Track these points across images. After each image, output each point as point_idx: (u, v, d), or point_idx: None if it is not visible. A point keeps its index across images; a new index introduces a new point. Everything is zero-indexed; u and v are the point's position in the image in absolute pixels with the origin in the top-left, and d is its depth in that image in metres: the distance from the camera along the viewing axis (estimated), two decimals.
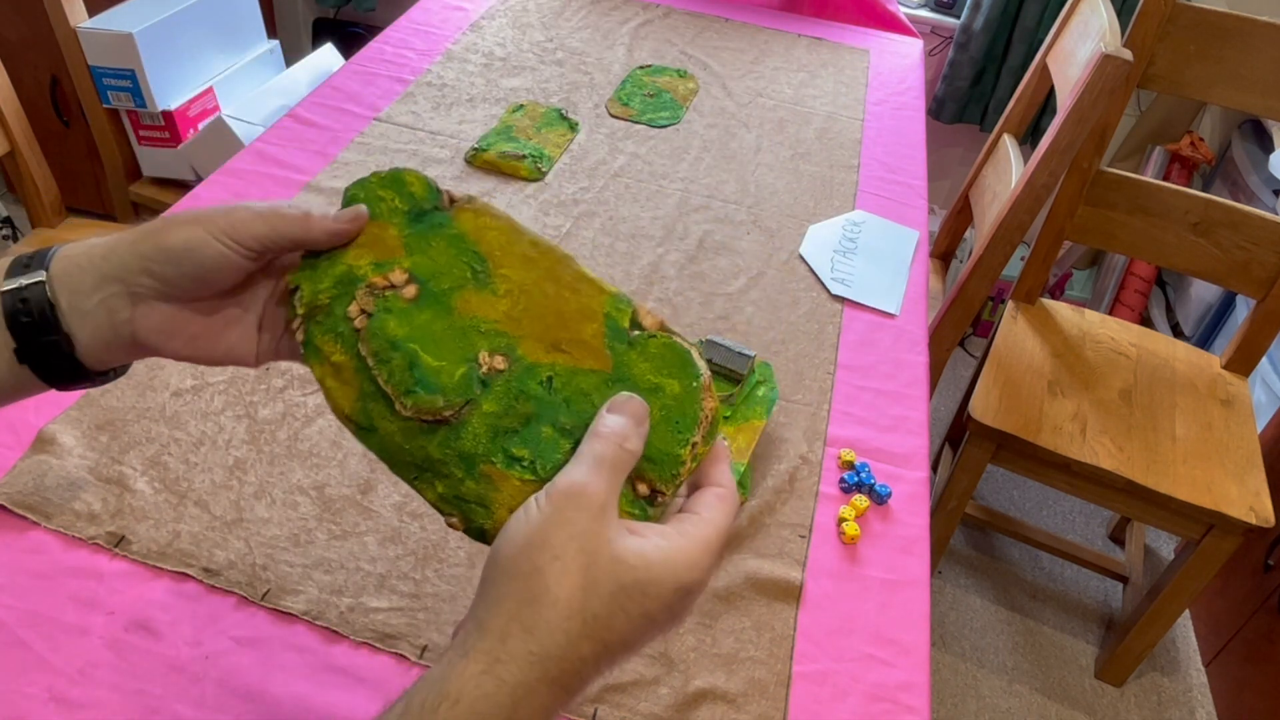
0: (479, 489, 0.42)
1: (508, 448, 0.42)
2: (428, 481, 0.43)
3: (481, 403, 0.43)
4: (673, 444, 0.41)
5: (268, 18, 1.92)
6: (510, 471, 0.42)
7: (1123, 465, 1.32)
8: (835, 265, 1.08)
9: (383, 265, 0.46)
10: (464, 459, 0.42)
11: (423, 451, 0.43)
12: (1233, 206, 1.37)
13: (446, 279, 0.46)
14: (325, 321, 0.46)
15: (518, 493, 0.41)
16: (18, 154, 1.35)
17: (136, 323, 0.45)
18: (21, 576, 0.64)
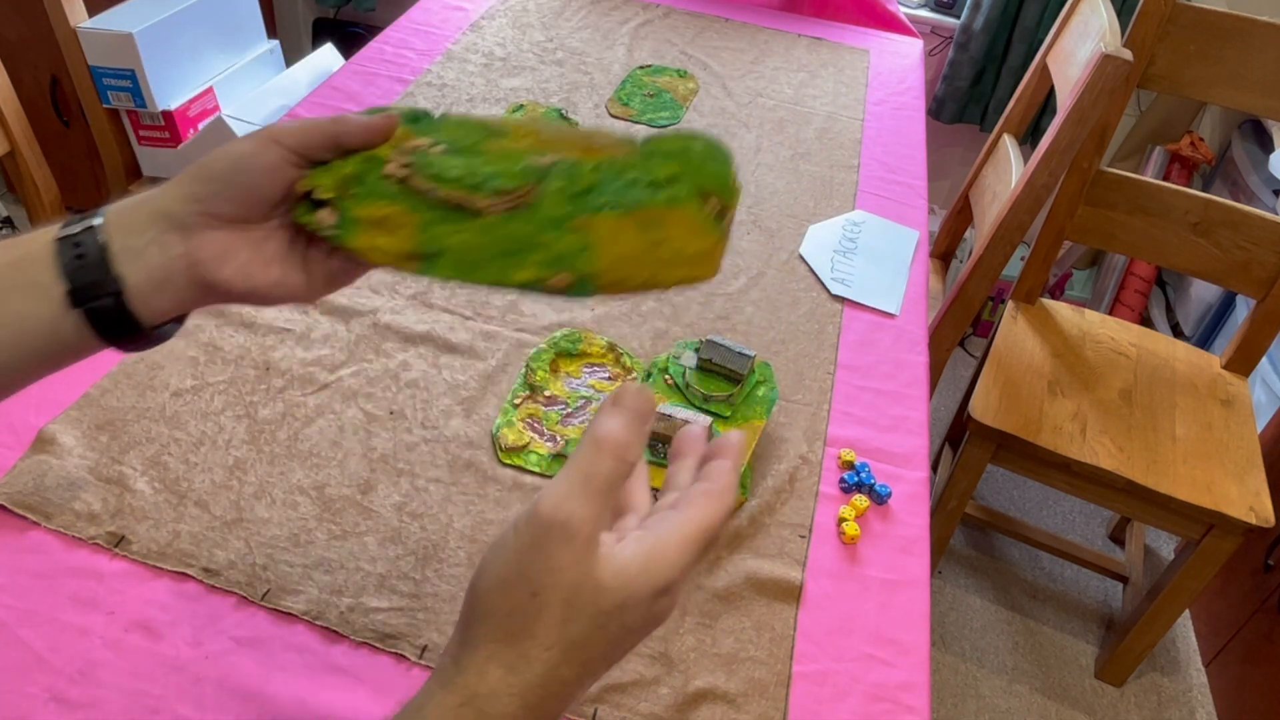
0: (576, 239, 0.45)
1: (589, 201, 0.45)
2: (517, 263, 0.45)
3: (549, 182, 0.46)
4: (723, 171, 0.47)
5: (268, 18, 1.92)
6: (600, 214, 0.45)
7: (1123, 465, 1.32)
8: (835, 265, 1.08)
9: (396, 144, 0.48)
10: (551, 222, 0.45)
11: (507, 238, 0.45)
12: (1233, 206, 1.37)
13: (467, 140, 0.49)
14: (360, 190, 0.47)
15: (614, 229, 0.45)
16: (18, 154, 1.35)
17: (190, 255, 0.45)
18: (21, 576, 0.64)
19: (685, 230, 0.45)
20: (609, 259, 0.45)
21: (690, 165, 0.46)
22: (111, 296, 0.44)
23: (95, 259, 0.44)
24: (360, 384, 0.83)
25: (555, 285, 0.45)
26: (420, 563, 0.69)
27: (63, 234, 0.44)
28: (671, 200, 0.45)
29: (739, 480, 0.40)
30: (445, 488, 0.76)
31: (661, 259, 0.45)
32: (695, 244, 0.46)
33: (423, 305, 0.93)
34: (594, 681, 0.37)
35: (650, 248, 0.45)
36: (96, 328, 0.45)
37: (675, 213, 0.45)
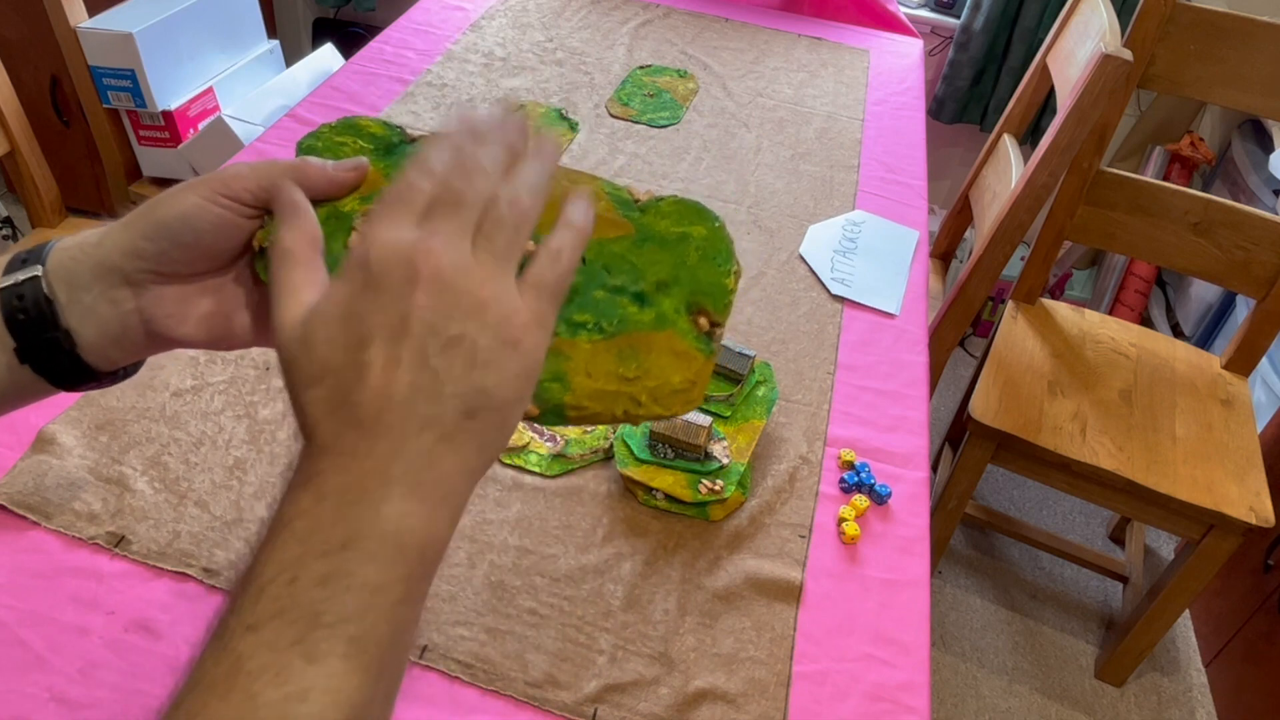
0: (549, 366, 0.41)
1: (567, 317, 0.42)
2: None
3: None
4: (718, 276, 0.43)
5: (268, 18, 1.92)
6: (577, 338, 0.41)
7: (1123, 465, 1.32)
8: (835, 265, 1.08)
9: (369, 199, 0.43)
10: None
11: None
12: (1233, 206, 1.37)
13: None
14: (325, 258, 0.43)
15: (590, 355, 0.41)
16: (18, 154, 1.35)
17: (144, 311, 0.42)
18: (21, 576, 0.64)
19: (669, 359, 0.42)
20: (583, 393, 0.41)
21: (685, 265, 0.43)
22: (63, 354, 0.41)
23: (40, 315, 0.40)
24: None
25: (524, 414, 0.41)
26: None
27: (4, 283, 0.41)
28: (659, 322, 0.42)
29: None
30: None
31: (638, 395, 0.42)
32: (678, 377, 0.42)
33: None
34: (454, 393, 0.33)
35: (628, 382, 0.41)
36: (49, 379, 0.42)
37: (660, 337, 0.42)
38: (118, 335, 0.42)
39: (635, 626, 0.67)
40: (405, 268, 0.33)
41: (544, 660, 0.65)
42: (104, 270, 0.41)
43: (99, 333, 0.42)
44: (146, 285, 0.42)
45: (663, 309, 0.43)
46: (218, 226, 0.41)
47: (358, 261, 0.33)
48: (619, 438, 0.78)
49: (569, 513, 0.75)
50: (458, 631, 0.65)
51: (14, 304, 0.41)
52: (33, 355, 0.41)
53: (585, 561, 0.71)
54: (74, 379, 0.43)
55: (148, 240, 0.41)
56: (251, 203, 0.42)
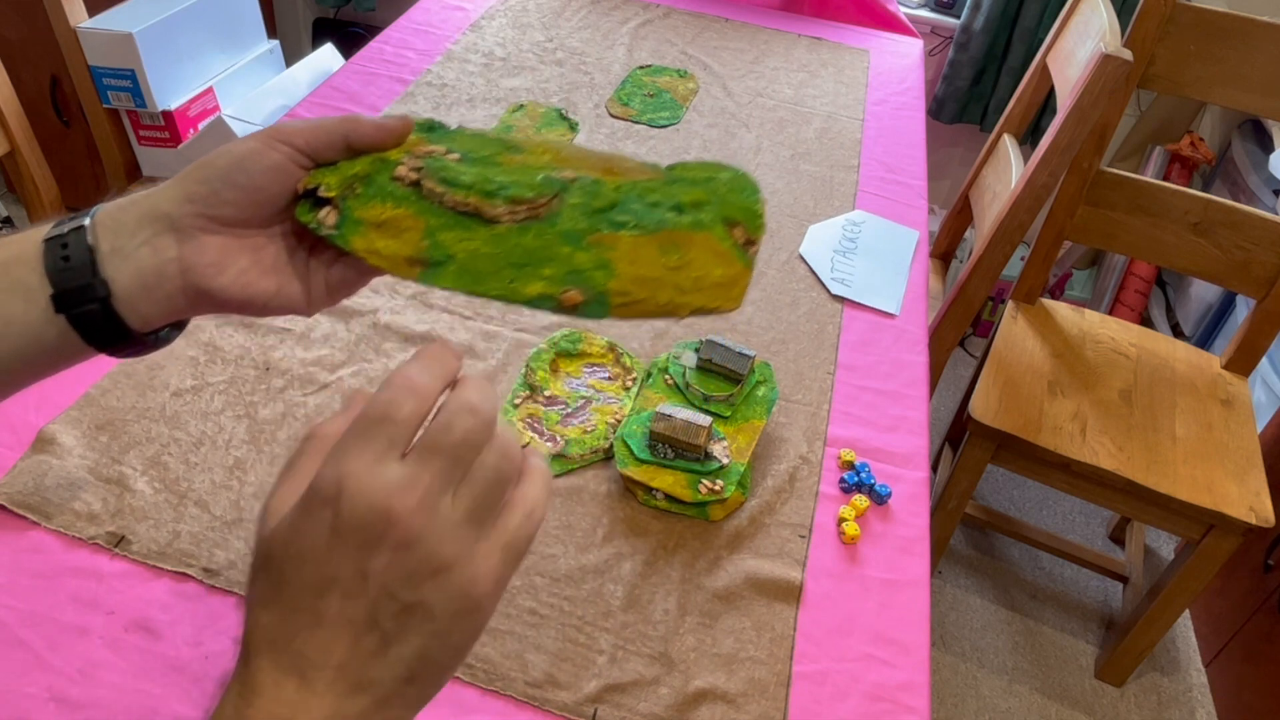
0: (593, 255, 0.42)
1: (609, 218, 0.43)
2: (528, 276, 0.42)
3: (567, 197, 0.44)
4: (749, 203, 0.46)
5: (268, 18, 1.92)
6: (619, 233, 0.43)
7: (1123, 465, 1.32)
8: (835, 265, 1.08)
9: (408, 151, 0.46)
10: (567, 237, 0.43)
11: (519, 248, 0.43)
12: (1233, 206, 1.37)
13: (482, 151, 0.47)
14: (365, 190, 0.44)
15: (633, 246, 0.43)
16: (18, 154, 1.35)
17: (185, 259, 0.43)
18: (21, 576, 0.64)
19: (709, 255, 0.43)
20: (627, 277, 0.42)
21: (716, 194, 0.45)
22: (97, 302, 0.42)
23: (82, 261, 0.41)
24: (360, 384, 0.83)
25: (566, 301, 0.42)
26: None
27: (51, 234, 0.42)
28: (696, 224, 0.44)
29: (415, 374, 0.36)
30: None
31: (681, 284, 0.43)
32: (719, 271, 0.43)
33: (423, 305, 0.93)
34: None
35: (671, 271, 0.43)
36: (83, 333, 0.43)
37: (699, 236, 0.43)
38: (153, 285, 0.43)
39: (635, 626, 0.67)
40: (378, 521, 0.31)
41: (544, 660, 0.65)
42: (151, 218, 0.43)
43: (136, 281, 0.42)
44: (192, 234, 0.43)
45: (700, 218, 0.44)
46: (271, 170, 0.44)
47: (328, 496, 0.32)
48: (619, 438, 0.78)
49: (569, 513, 0.75)
50: None
51: (58, 251, 0.42)
52: (68, 303, 0.42)
53: (585, 561, 0.71)
54: (106, 336, 0.43)
55: (201, 184, 0.43)
56: (305, 150, 0.44)
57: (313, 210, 0.45)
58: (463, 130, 0.49)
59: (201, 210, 0.43)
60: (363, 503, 0.31)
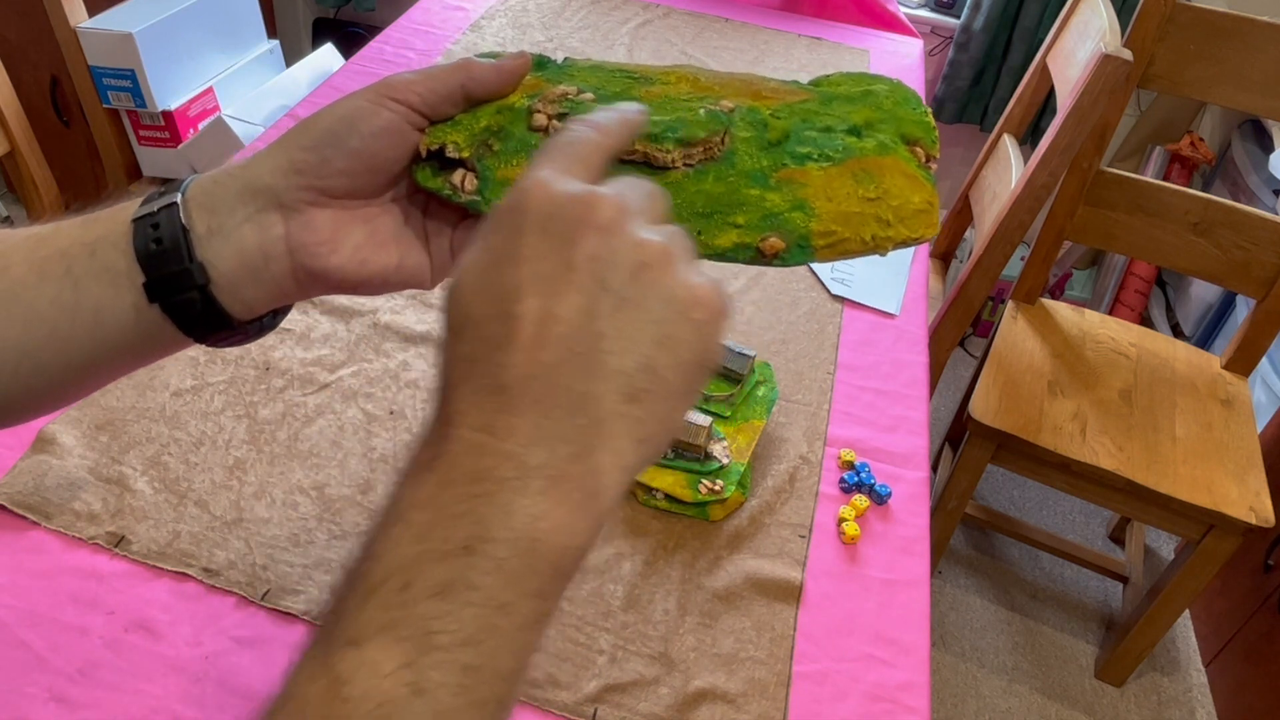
0: (785, 195, 0.38)
1: (790, 150, 0.39)
2: (721, 224, 0.38)
3: (735, 131, 0.40)
4: (921, 116, 0.42)
5: (268, 18, 1.92)
6: (806, 166, 0.39)
7: (1123, 465, 1.32)
8: (835, 265, 1.08)
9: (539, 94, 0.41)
10: (752, 177, 0.39)
11: (701, 195, 0.38)
12: (1233, 206, 1.37)
13: (613, 87, 0.42)
14: (505, 147, 0.39)
15: (824, 180, 0.39)
16: (18, 154, 1.35)
17: (293, 238, 0.38)
18: (21, 576, 0.64)
19: (903, 181, 0.39)
20: (828, 216, 0.38)
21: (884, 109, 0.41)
22: (196, 289, 0.37)
23: (175, 244, 0.37)
24: (360, 384, 0.83)
25: (768, 250, 0.38)
26: None
27: (140, 213, 0.38)
28: (882, 148, 0.40)
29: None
30: None
31: (884, 215, 0.39)
32: (917, 197, 0.39)
33: (423, 305, 0.93)
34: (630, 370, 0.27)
35: (870, 203, 0.39)
36: (179, 323, 0.38)
37: (888, 161, 0.39)
38: (258, 267, 0.38)
39: (635, 626, 0.67)
40: (577, 205, 0.28)
41: (544, 660, 0.65)
42: (253, 192, 0.38)
43: (238, 264, 0.38)
44: (300, 208, 0.38)
45: (881, 139, 0.40)
46: (384, 131, 0.38)
47: (513, 203, 0.28)
48: None
49: None
50: None
51: (148, 233, 0.37)
52: (162, 291, 0.37)
53: (585, 561, 0.71)
54: (205, 325, 0.39)
55: (306, 150, 0.38)
56: (420, 107, 0.39)
57: (440, 174, 0.40)
58: (575, 63, 0.44)
59: (310, 182, 0.38)
60: (557, 192, 0.28)
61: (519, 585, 0.26)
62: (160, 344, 0.39)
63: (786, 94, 0.42)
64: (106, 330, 0.38)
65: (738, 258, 0.38)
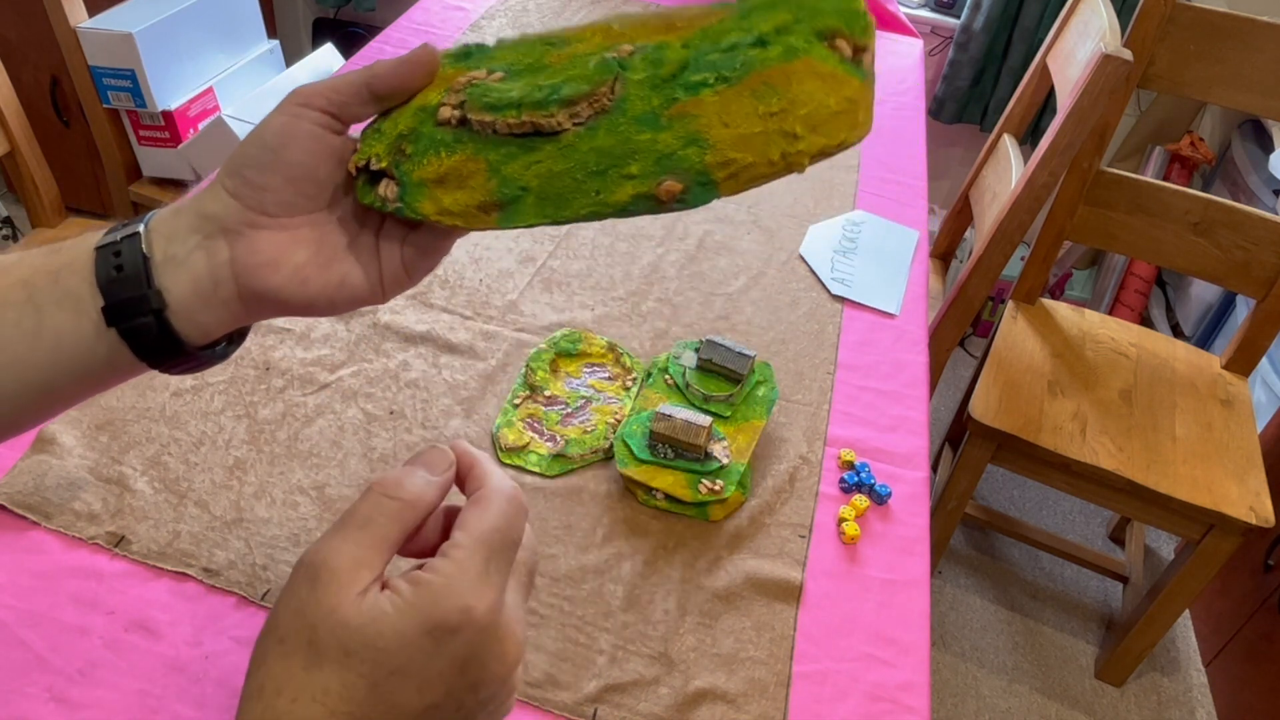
0: (677, 132, 0.36)
1: (684, 81, 0.36)
2: (616, 179, 0.36)
3: (628, 75, 0.37)
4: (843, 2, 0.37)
5: (268, 18, 1.92)
6: (700, 95, 0.36)
7: (1123, 465, 1.32)
8: (835, 265, 1.08)
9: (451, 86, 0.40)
10: (643, 121, 0.36)
11: (593, 154, 0.37)
12: (1233, 206, 1.37)
13: (526, 59, 0.40)
14: (415, 148, 0.39)
15: (720, 105, 0.35)
16: (18, 154, 1.35)
17: (238, 261, 0.40)
18: (21, 576, 0.64)
19: (815, 84, 0.35)
20: (725, 145, 0.35)
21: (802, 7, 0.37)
22: (151, 314, 0.39)
23: (135, 271, 0.39)
24: (360, 384, 0.83)
25: (665, 195, 0.36)
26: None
27: (103, 242, 0.39)
28: (788, 53, 0.35)
29: (501, 476, 0.36)
30: None
31: (792, 129, 0.35)
32: (832, 99, 0.36)
33: (422, 305, 0.93)
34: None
35: (774, 118, 0.35)
36: (135, 348, 0.40)
37: (795, 66, 0.35)
38: (209, 292, 0.40)
39: (635, 626, 0.67)
40: (511, 655, 0.34)
41: (544, 660, 0.65)
42: (203, 219, 0.40)
43: (191, 290, 0.39)
44: (243, 232, 0.40)
45: (790, 42, 0.36)
46: (297, 142, 0.40)
47: (443, 621, 0.32)
48: (619, 438, 0.78)
49: (569, 513, 0.75)
50: None
51: (110, 260, 0.39)
52: (120, 316, 0.39)
53: (585, 561, 0.71)
54: (161, 350, 0.40)
55: (234, 176, 0.40)
56: (329, 109, 0.40)
57: (371, 187, 0.40)
58: (502, 43, 0.43)
59: (246, 204, 0.40)
60: (510, 637, 0.34)
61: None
62: (118, 370, 0.41)
63: (702, 16, 0.39)
64: (66, 356, 0.39)
65: (638, 209, 0.37)
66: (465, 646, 0.32)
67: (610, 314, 0.96)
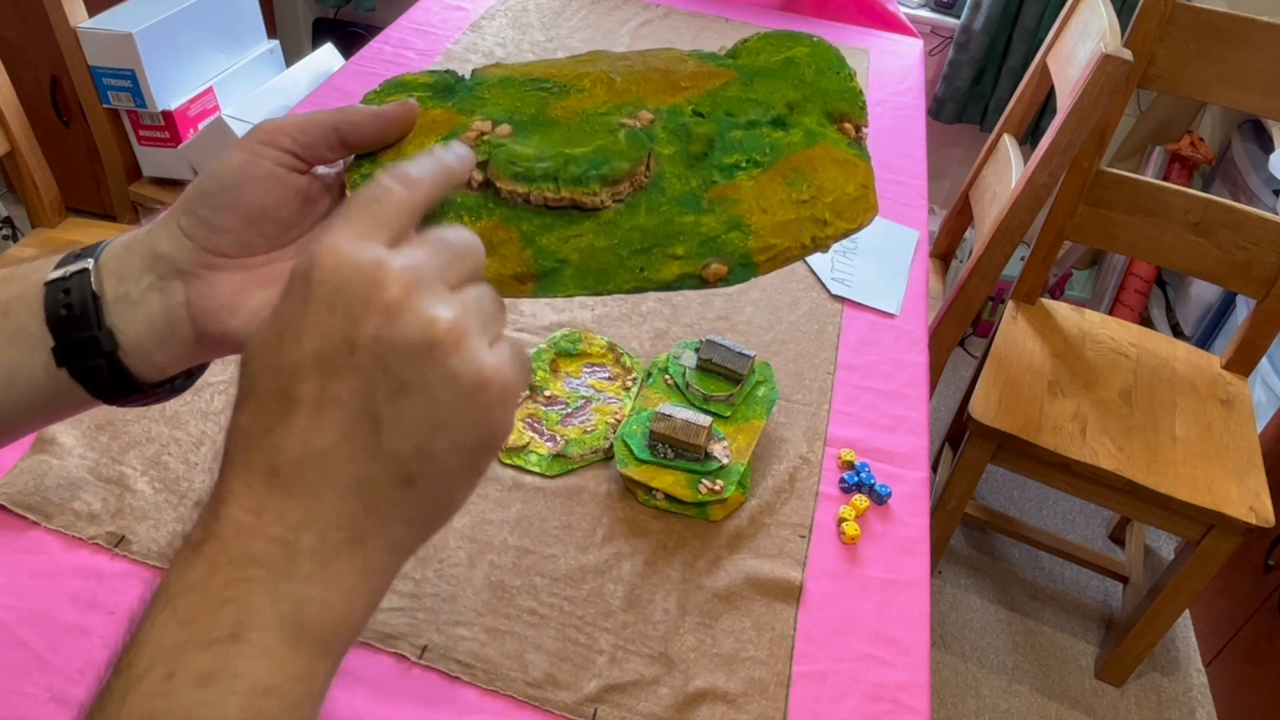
0: (719, 216, 0.38)
1: (717, 164, 0.39)
2: (661, 258, 0.37)
3: (659, 149, 0.39)
4: (841, 82, 0.41)
5: (268, 18, 1.92)
6: (736, 179, 0.38)
7: (1123, 465, 1.32)
8: (835, 265, 1.08)
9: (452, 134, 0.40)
10: (684, 203, 0.38)
11: (636, 232, 0.38)
12: (1233, 206, 1.37)
13: (527, 108, 0.41)
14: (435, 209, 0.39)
15: (757, 191, 0.38)
16: (18, 154, 1.35)
17: (194, 304, 0.38)
18: (21, 576, 0.64)
19: (835, 170, 0.39)
20: (765, 231, 0.38)
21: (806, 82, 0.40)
22: (103, 356, 0.37)
23: (85, 310, 0.37)
24: None
25: (711, 277, 0.37)
26: (420, 563, 0.69)
27: (53, 276, 0.38)
28: (809, 138, 0.39)
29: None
30: None
31: (820, 215, 0.38)
32: (851, 185, 0.39)
33: None
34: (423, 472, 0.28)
35: (806, 205, 0.38)
36: (88, 387, 0.38)
37: (817, 153, 0.39)
38: (164, 333, 0.38)
39: (635, 626, 0.67)
40: (362, 282, 0.26)
41: (544, 660, 0.65)
42: (155, 258, 0.38)
43: (146, 330, 0.38)
44: (198, 273, 0.38)
45: (807, 125, 0.39)
46: (258, 181, 0.38)
47: (303, 269, 0.27)
48: (619, 438, 0.78)
49: (569, 513, 0.75)
50: (458, 631, 0.65)
51: (59, 298, 0.37)
52: (71, 357, 0.37)
53: (585, 561, 0.71)
54: (114, 388, 0.39)
55: (189, 215, 0.38)
56: (293, 149, 0.38)
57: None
58: (483, 81, 0.43)
59: (201, 245, 0.38)
60: (346, 263, 0.27)
61: (285, 669, 0.26)
62: (70, 404, 0.39)
63: (705, 78, 0.41)
64: (18, 390, 0.38)
65: (683, 287, 0.38)
66: (320, 286, 0.27)
67: (610, 314, 0.96)
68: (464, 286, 0.29)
